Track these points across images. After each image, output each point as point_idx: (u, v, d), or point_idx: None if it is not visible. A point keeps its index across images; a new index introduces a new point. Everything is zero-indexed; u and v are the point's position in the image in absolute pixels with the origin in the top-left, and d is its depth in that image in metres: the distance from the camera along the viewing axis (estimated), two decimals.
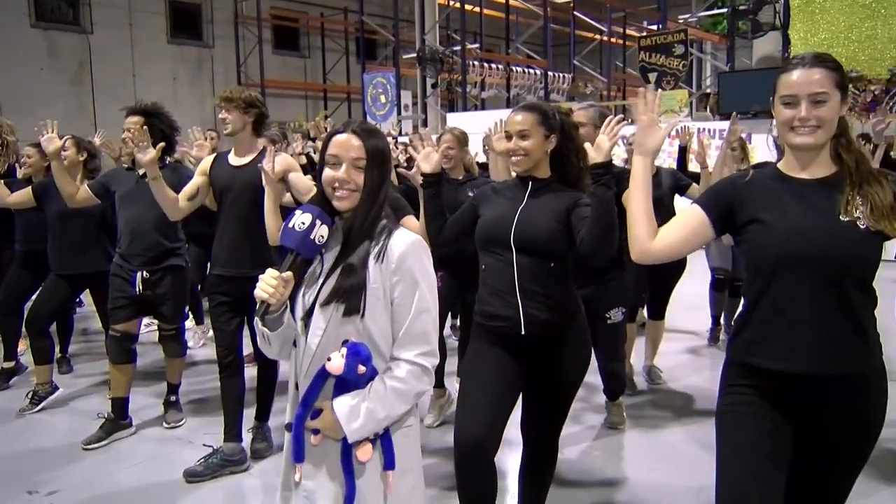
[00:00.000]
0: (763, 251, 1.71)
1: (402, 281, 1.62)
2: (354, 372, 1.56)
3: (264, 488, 3.29)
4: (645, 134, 1.86)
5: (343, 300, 1.60)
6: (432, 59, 13.46)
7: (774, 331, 1.71)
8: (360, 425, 1.58)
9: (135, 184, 3.68)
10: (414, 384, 1.63)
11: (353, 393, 1.60)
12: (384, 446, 1.65)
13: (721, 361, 4.88)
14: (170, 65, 16.99)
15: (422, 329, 1.64)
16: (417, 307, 1.63)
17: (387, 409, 1.60)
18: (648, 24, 19.95)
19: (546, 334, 2.35)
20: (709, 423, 3.93)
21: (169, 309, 3.81)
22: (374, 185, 1.66)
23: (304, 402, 1.64)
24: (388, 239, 1.64)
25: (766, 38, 10.42)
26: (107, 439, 3.74)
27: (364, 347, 1.58)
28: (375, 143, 1.67)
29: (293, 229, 1.60)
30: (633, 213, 1.84)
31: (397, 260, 1.62)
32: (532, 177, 2.43)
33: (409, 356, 1.63)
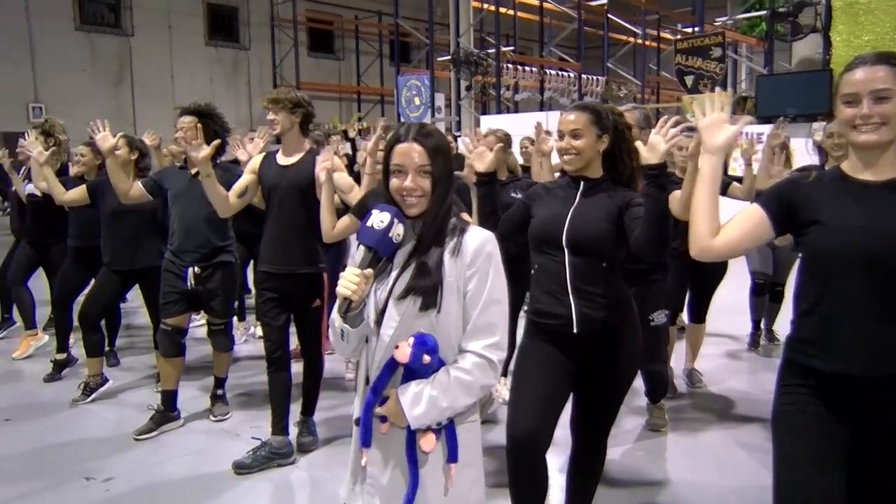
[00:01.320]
0: (822, 253, 1.72)
1: (476, 274, 1.66)
2: (420, 361, 1.60)
3: (311, 482, 3.35)
4: (710, 132, 1.87)
5: (419, 296, 1.64)
6: (466, 62, 13.51)
7: (833, 333, 1.71)
8: (423, 412, 1.61)
9: (188, 182, 3.78)
10: (479, 376, 1.65)
11: (418, 381, 1.64)
12: (448, 438, 1.67)
13: (760, 366, 4.88)
14: (207, 66, 17.31)
15: (489, 321, 1.66)
16: (487, 299, 1.66)
17: (449, 398, 1.62)
18: (683, 26, 19.81)
19: (599, 333, 2.37)
20: (751, 427, 3.98)
21: (219, 304, 3.90)
22: (443, 187, 1.70)
23: (374, 389, 1.68)
24: (463, 235, 1.69)
25: (805, 41, 10.29)
26: (156, 430, 3.84)
27: (431, 338, 1.62)
28: (437, 145, 1.70)
29: (372, 228, 1.64)
30: (697, 210, 1.85)
31: (472, 254, 1.66)
32: (584, 176, 2.46)
33: (475, 348, 1.65)
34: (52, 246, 5.20)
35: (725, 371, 5.03)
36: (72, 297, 4.86)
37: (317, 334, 3.64)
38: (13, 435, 3.89)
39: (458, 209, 1.77)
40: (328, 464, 3.52)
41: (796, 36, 10.02)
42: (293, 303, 3.50)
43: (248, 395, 4.49)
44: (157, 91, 15.90)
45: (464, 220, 1.74)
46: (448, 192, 1.72)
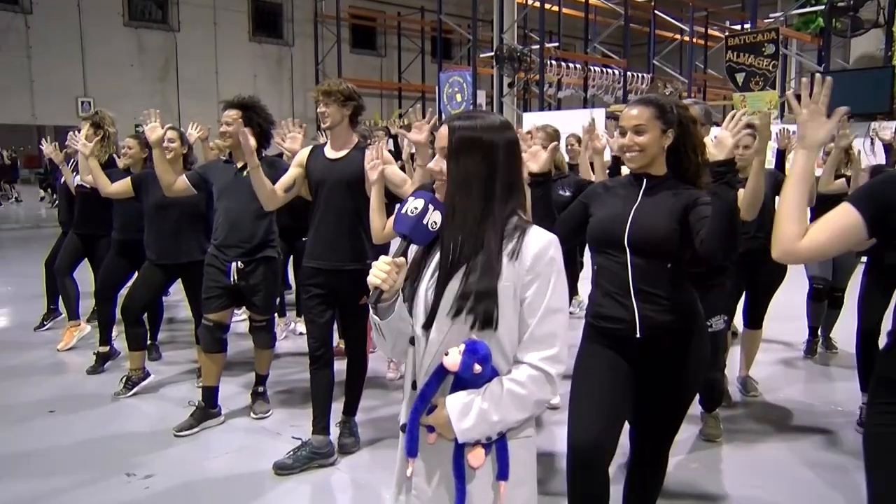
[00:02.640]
0: None
1: (536, 280, 1.52)
2: (470, 370, 1.49)
3: (353, 484, 3.27)
4: (807, 126, 1.72)
5: (474, 314, 1.50)
6: (510, 58, 13.34)
7: None
8: (471, 425, 1.50)
9: (233, 176, 3.73)
10: (534, 390, 1.52)
11: (469, 391, 1.52)
12: (499, 454, 1.56)
13: (818, 375, 4.66)
14: (250, 62, 17.45)
15: (549, 331, 1.53)
16: (547, 308, 1.53)
17: (501, 412, 1.51)
18: (731, 23, 19.33)
19: (663, 338, 2.23)
20: (811, 440, 3.78)
21: (261, 299, 3.84)
22: (464, 175, 1.55)
23: (421, 396, 1.58)
24: (524, 237, 1.55)
25: (865, 37, 9.89)
26: (197, 427, 3.80)
27: (483, 346, 1.50)
28: (463, 132, 1.56)
29: (405, 214, 1.55)
30: (786, 210, 1.70)
31: (533, 258, 1.52)
32: (647, 174, 2.32)
33: (532, 359, 1.53)
34: (100, 238, 5.22)
35: (781, 379, 4.82)
36: (115, 290, 4.86)
37: (362, 332, 3.56)
38: (57, 427, 3.89)
39: (521, 212, 1.62)
40: (370, 466, 3.43)
41: (856, 31, 9.63)
42: (339, 300, 3.42)
43: (289, 393, 4.43)
44: (201, 87, 16.08)
45: (525, 219, 1.60)
46: (471, 186, 1.55)
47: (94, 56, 15.40)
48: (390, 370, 4.73)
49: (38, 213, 16.92)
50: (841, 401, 4.35)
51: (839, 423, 4.02)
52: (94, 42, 15.39)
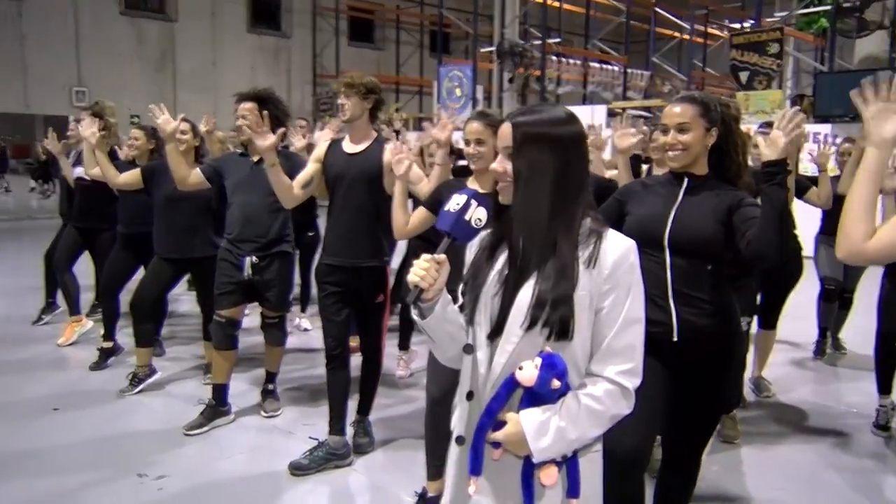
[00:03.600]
0: None
1: (614, 289, 1.44)
2: (548, 386, 1.41)
3: (371, 485, 3.20)
4: (877, 122, 1.66)
5: (549, 326, 1.42)
6: (512, 53, 13.27)
7: None
8: (549, 444, 1.41)
9: (249, 170, 3.64)
10: (610, 405, 1.44)
11: (545, 407, 1.43)
12: (570, 471, 1.48)
13: (829, 375, 4.65)
14: (248, 54, 17.31)
15: (627, 343, 1.45)
16: (626, 318, 1.44)
17: (579, 430, 1.43)
18: (731, 22, 19.33)
19: (701, 341, 2.18)
20: (829, 442, 3.74)
21: (275, 295, 3.77)
22: (530, 174, 1.45)
23: (489, 411, 1.49)
24: (601, 242, 1.45)
25: (869, 38, 9.88)
26: (208, 426, 3.72)
27: (560, 360, 1.42)
28: (527, 127, 1.47)
29: (448, 212, 1.48)
30: (854, 209, 1.64)
31: (612, 265, 1.43)
32: (689, 173, 2.26)
33: (609, 373, 1.44)
34: (101, 232, 5.13)
35: (793, 380, 4.80)
36: (120, 285, 4.78)
37: (379, 330, 3.49)
38: (62, 425, 3.80)
39: (596, 214, 1.52)
40: (387, 467, 3.37)
41: (862, 32, 9.61)
42: (356, 297, 3.35)
43: (299, 391, 4.36)
44: (199, 78, 15.95)
45: (601, 223, 1.49)
46: (554, 186, 1.45)
47: (90, 45, 15.22)
48: (400, 367, 4.67)
49: (30, 205, 16.71)
50: (855, 402, 4.33)
51: (855, 424, 3.99)
52: (89, 31, 15.21)
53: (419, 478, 3.11)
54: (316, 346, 5.29)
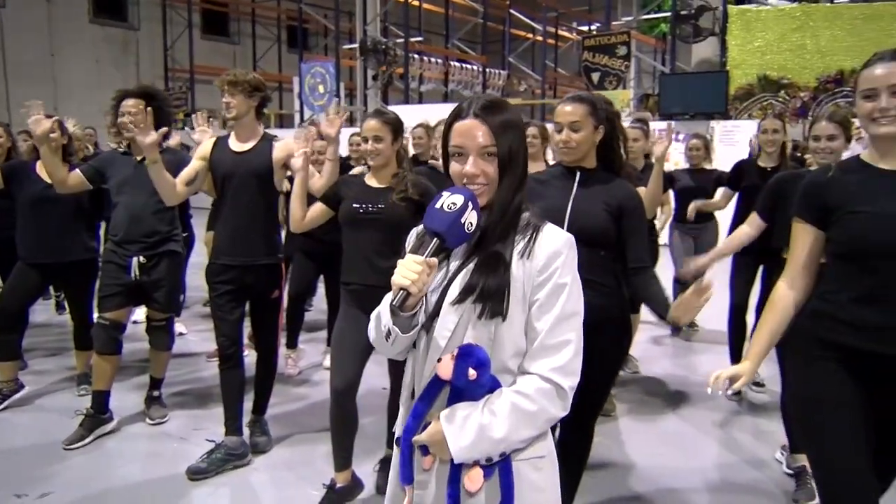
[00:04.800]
0: (855, 238, 1.79)
1: (549, 281, 1.37)
2: (465, 377, 1.32)
3: (274, 483, 3.18)
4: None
5: (482, 299, 1.35)
6: (375, 51, 13.31)
7: (869, 313, 1.78)
8: (469, 442, 1.32)
9: (133, 169, 3.50)
10: (544, 404, 1.35)
11: (466, 404, 1.36)
12: (502, 477, 1.37)
13: (685, 350, 5.10)
14: (92, 46, 16.17)
15: (562, 339, 1.36)
16: (562, 313, 1.36)
17: (505, 429, 1.32)
18: (579, 24, 20.45)
19: (598, 321, 2.38)
20: (691, 407, 4.15)
21: (163, 295, 3.64)
22: (514, 172, 1.43)
23: (415, 412, 1.41)
24: (537, 234, 1.40)
25: (705, 43, 10.86)
26: (90, 437, 3.53)
27: (480, 350, 1.34)
28: (504, 121, 1.42)
29: (441, 210, 1.35)
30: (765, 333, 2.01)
31: (547, 257, 1.37)
32: (580, 167, 2.46)
33: (541, 370, 1.35)
34: None
35: (655, 356, 5.23)
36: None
37: (274, 328, 3.47)
38: None
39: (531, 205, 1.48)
40: (289, 464, 3.36)
41: (697, 38, 10.56)
42: (250, 295, 3.32)
43: (183, 396, 4.22)
44: (35, 70, 14.70)
45: (538, 216, 1.45)
46: (521, 179, 1.45)
47: None
48: (289, 366, 4.63)
49: None
50: (710, 370, 4.79)
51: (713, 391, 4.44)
52: None
53: (322, 472, 3.14)
54: (195, 350, 5.13)
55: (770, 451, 3.52)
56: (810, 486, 2.97)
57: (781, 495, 3.10)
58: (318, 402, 4.15)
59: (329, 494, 2.89)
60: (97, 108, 8.02)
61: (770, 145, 4.34)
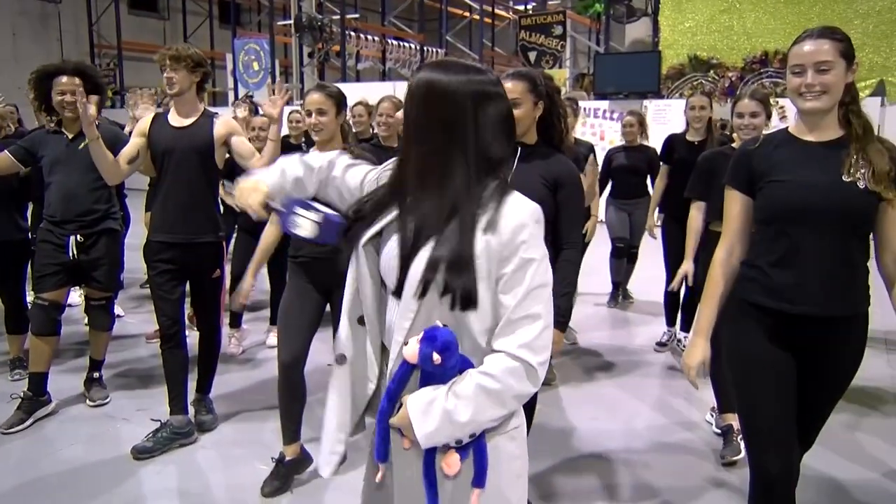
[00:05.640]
0: (774, 204, 1.93)
1: (514, 255, 1.29)
2: (430, 362, 1.29)
3: (221, 459, 3.19)
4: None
5: (452, 297, 1.30)
6: (311, 27, 13.09)
7: (782, 275, 1.93)
8: (434, 428, 1.29)
9: (65, 147, 3.41)
10: (511, 384, 1.29)
11: (433, 387, 1.32)
12: (476, 458, 1.35)
13: (621, 320, 5.33)
14: (8, 19, 15.37)
15: (530, 313, 1.29)
16: (529, 286, 1.29)
17: (470, 412, 1.28)
18: (515, 3, 20.52)
19: None
20: (631, 374, 4.36)
21: (103, 274, 3.57)
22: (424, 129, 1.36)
23: (387, 393, 1.39)
24: (501, 206, 1.32)
25: (638, 24, 11.10)
26: (29, 420, 3.46)
27: (444, 333, 1.29)
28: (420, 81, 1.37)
29: (303, 233, 1.48)
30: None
31: (512, 230, 1.29)
32: (520, 143, 2.53)
33: (508, 346, 1.29)
34: None
35: (592, 326, 5.41)
36: None
37: (216, 306, 3.45)
38: None
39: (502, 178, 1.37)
40: (236, 441, 3.37)
41: (630, 18, 10.78)
42: (190, 274, 3.29)
43: (123, 377, 4.16)
44: None
45: (506, 184, 1.36)
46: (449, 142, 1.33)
47: None
48: (232, 345, 4.61)
49: None
50: (644, 340, 5.02)
51: (646, 358, 4.65)
52: None
53: (268, 448, 3.17)
54: (133, 332, 5.04)
55: (700, 414, 3.72)
56: (736, 442, 3.17)
57: (710, 453, 3.29)
58: (263, 380, 4.16)
59: (278, 468, 2.92)
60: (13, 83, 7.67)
61: (697, 121, 4.56)
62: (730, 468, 3.13)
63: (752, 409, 2.01)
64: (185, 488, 2.95)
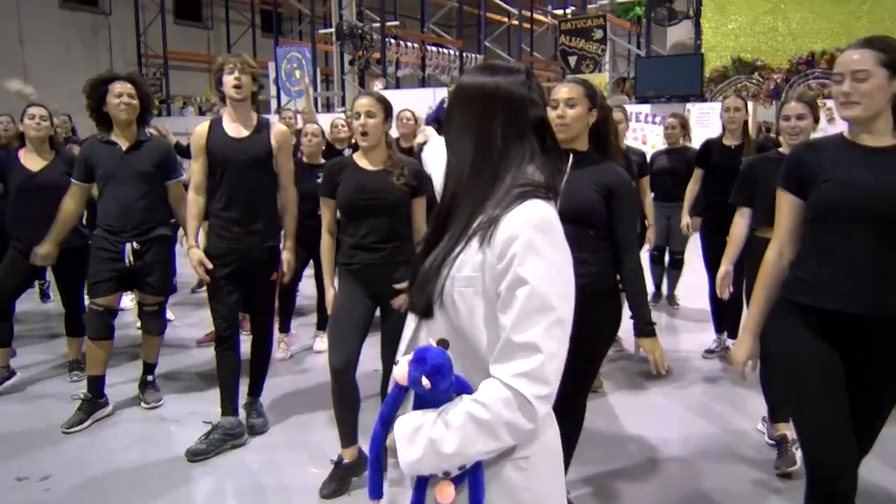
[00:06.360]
0: (825, 203, 1.92)
1: (507, 270, 1.17)
2: (419, 385, 1.18)
3: (273, 462, 3.24)
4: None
5: (415, 311, 1.27)
6: (352, 35, 13.24)
7: (832, 275, 1.91)
8: (418, 457, 1.19)
9: (119, 159, 3.52)
10: (502, 413, 1.15)
11: (422, 412, 1.22)
12: (472, 489, 1.22)
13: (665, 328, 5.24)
14: (62, 31, 15.87)
15: (529, 339, 1.14)
16: (525, 307, 1.15)
17: (457, 442, 1.16)
18: (553, 8, 20.47)
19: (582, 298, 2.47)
20: (678, 381, 4.30)
21: (156, 279, 3.66)
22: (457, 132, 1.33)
23: (381, 416, 1.29)
24: (506, 214, 1.20)
25: (679, 26, 10.98)
26: (88, 420, 3.57)
27: (435, 353, 1.18)
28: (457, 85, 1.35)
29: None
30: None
31: (504, 241, 1.17)
32: (573, 149, 2.53)
33: (502, 374, 1.16)
34: None
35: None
36: None
37: (270, 311, 3.52)
38: None
39: (516, 188, 1.25)
40: (287, 444, 3.42)
41: (672, 21, 10.67)
42: (248, 278, 3.35)
43: (176, 381, 4.26)
44: (3, 56, 14.40)
45: (532, 192, 1.23)
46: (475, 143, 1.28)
47: None
48: (280, 350, 4.68)
49: None
50: (692, 346, 4.95)
51: (696, 363, 4.60)
52: None
53: (319, 452, 3.22)
54: (184, 336, 5.15)
55: (750, 423, 3.66)
56: (791, 453, 3.11)
57: (763, 463, 3.23)
58: (311, 385, 4.21)
59: (336, 470, 2.96)
60: (67, 93, 7.91)
61: (732, 122, 4.51)
62: (784, 479, 3.07)
63: (804, 412, 1.98)
64: (238, 489, 3.02)
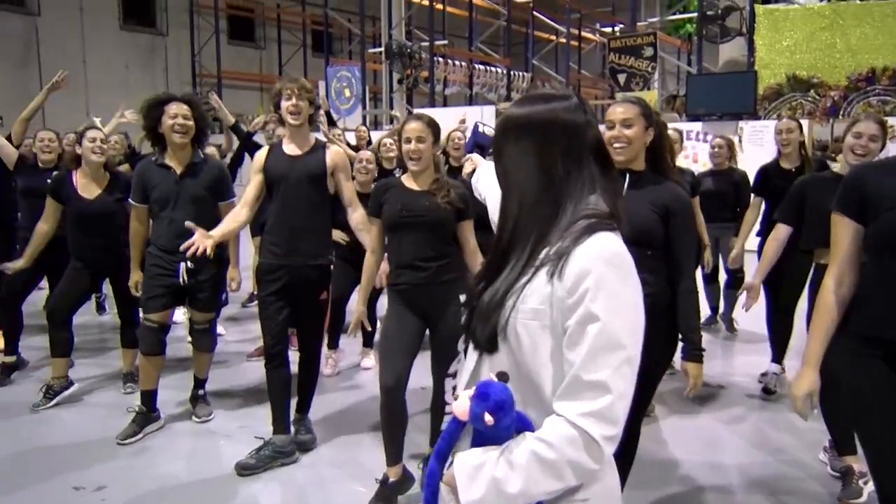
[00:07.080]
0: (887, 231, 1.83)
1: (578, 305, 1.13)
2: (481, 422, 1.15)
3: (322, 479, 3.24)
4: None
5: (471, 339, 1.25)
6: (400, 54, 13.40)
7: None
8: (481, 496, 1.15)
9: (174, 185, 3.58)
10: (568, 453, 1.12)
11: (484, 449, 1.18)
12: None
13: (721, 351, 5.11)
14: (121, 51, 16.46)
15: (597, 379, 1.11)
16: (596, 343, 1.11)
17: (521, 482, 1.13)
18: (602, 26, 20.41)
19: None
20: (732, 406, 4.16)
21: (207, 296, 3.72)
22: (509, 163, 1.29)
23: (437, 452, 1.26)
24: (575, 245, 1.16)
25: (731, 44, 10.81)
26: (141, 433, 3.63)
27: (498, 389, 1.15)
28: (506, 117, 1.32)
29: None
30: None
31: (576, 275, 1.14)
32: (629, 169, 2.50)
33: (568, 412, 1.12)
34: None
35: None
36: (23, 295, 4.54)
37: (320, 329, 3.54)
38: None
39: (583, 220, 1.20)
40: (334, 461, 3.42)
41: (724, 38, 10.51)
42: (297, 295, 3.37)
43: (227, 396, 4.30)
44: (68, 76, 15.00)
45: (601, 223, 1.20)
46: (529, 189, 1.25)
47: None
48: (328, 366, 4.70)
49: None
50: (747, 369, 4.80)
51: (751, 387, 4.45)
52: None
53: (366, 470, 3.21)
54: (234, 350, 5.22)
55: (809, 452, 3.52)
56: (856, 486, 2.97)
57: (826, 496, 3.10)
58: (358, 402, 4.21)
59: (382, 489, 2.95)
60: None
61: (785, 144, 4.37)
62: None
63: (873, 445, 1.89)
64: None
